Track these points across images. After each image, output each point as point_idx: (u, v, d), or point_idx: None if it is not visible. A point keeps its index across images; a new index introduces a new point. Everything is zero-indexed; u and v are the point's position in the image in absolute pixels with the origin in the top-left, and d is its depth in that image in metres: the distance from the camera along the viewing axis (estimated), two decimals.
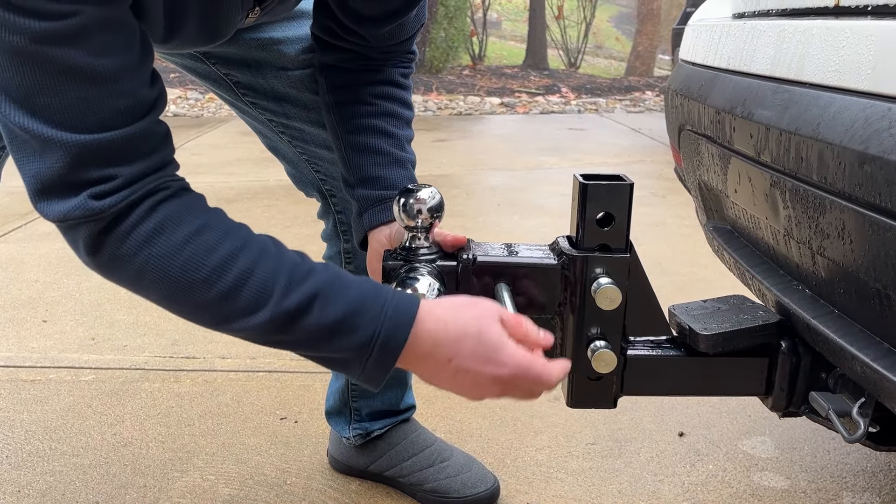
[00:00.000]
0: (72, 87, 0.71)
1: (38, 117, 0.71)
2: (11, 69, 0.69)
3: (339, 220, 1.31)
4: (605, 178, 0.91)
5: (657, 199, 3.81)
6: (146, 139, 0.77)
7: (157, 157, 0.78)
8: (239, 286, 0.78)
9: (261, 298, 0.79)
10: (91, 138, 0.72)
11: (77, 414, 1.72)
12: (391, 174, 1.09)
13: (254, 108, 1.24)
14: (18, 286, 2.53)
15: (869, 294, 0.79)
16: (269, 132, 1.27)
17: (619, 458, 1.57)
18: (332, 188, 1.29)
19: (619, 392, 0.99)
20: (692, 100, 1.26)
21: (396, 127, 1.12)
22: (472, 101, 7.99)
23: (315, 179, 1.29)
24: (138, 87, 0.76)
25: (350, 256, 1.33)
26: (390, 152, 1.10)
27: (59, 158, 0.72)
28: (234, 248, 0.79)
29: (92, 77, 0.71)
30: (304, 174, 1.29)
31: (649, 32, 11.59)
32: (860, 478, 1.49)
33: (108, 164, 0.74)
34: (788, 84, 0.94)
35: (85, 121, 0.72)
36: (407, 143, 1.13)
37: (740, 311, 0.98)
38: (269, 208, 3.55)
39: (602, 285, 0.91)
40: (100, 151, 0.73)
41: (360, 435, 1.43)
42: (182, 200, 0.80)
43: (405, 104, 1.15)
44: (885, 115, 0.72)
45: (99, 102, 0.72)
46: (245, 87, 1.22)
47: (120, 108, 0.74)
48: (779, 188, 0.95)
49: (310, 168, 1.28)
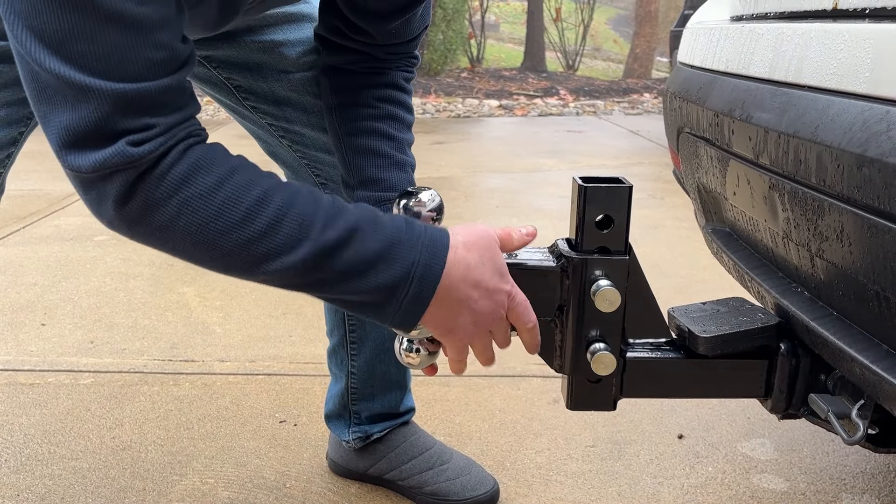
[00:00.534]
0: (112, 33, 0.69)
1: (74, 64, 0.68)
2: (49, 13, 0.67)
3: None
4: (605, 180, 0.91)
5: (656, 201, 3.81)
6: (180, 92, 0.77)
7: (188, 109, 0.78)
8: (278, 222, 0.77)
9: (301, 233, 0.77)
10: (128, 87, 0.70)
11: (76, 417, 1.72)
12: (391, 176, 1.09)
13: (254, 112, 1.24)
14: (17, 289, 2.53)
15: (868, 296, 0.79)
16: (269, 137, 1.27)
17: (619, 460, 1.57)
18: (332, 192, 1.29)
19: (619, 394, 0.99)
20: (691, 102, 1.26)
21: (398, 130, 1.12)
22: (471, 103, 8.00)
23: (315, 184, 1.29)
24: (174, 39, 0.75)
25: None
26: (391, 155, 1.10)
27: (95, 108, 0.70)
28: (270, 187, 0.78)
29: (132, 24, 0.70)
30: (304, 179, 1.30)
31: (647, 35, 11.61)
32: (859, 479, 1.50)
33: (145, 114, 0.73)
34: (787, 87, 0.94)
35: (123, 69, 0.70)
36: (407, 146, 1.14)
37: (739, 314, 0.99)
38: None
39: (601, 287, 0.91)
40: (137, 101, 0.72)
41: (359, 438, 1.43)
42: (212, 146, 0.79)
43: (407, 108, 1.15)
44: (883, 118, 0.72)
45: (137, 51, 0.71)
46: (246, 91, 1.22)
47: (157, 60, 0.73)
48: (777, 191, 0.95)
49: (310, 172, 1.28)
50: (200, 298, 2.46)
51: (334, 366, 1.44)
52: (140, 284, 2.59)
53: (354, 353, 1.39)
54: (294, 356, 2.04)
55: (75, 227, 3.18)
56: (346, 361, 1.40)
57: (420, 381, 1.86)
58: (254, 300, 2.44)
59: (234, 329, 2.23)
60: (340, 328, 1.39)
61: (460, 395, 1.83)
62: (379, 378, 1.40)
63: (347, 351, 1.40)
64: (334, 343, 1.42)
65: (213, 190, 0.76)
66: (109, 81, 0.70)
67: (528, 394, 1.85)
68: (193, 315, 2.33)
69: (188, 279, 2.63)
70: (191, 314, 2.34)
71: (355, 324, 1.37)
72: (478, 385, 1.88)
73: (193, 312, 2.35)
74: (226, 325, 2.25)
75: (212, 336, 2.18)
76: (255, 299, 2.45)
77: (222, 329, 2.22)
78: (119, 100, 0.71)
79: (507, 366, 1.98)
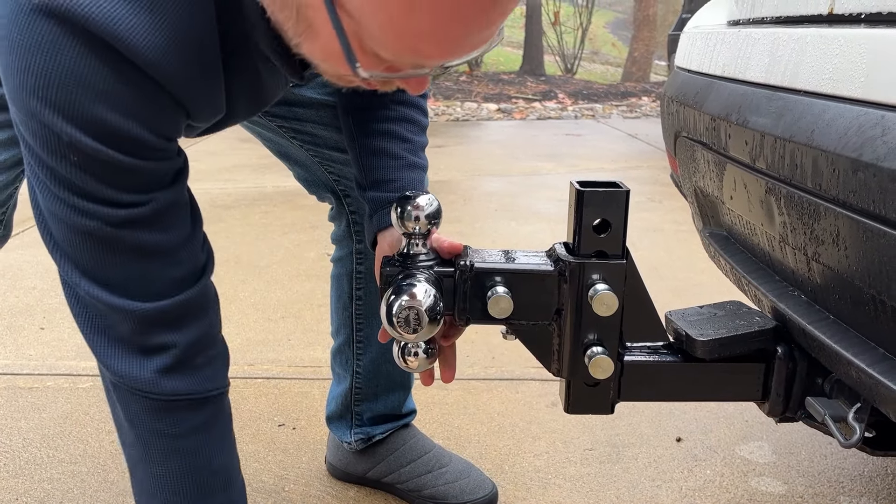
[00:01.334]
0: (138, 262, 0.80)
1: (106, 288, 0.80)
2: (83, 247, 0.78)
3: (353, 220, 1.32)
4: (602, 185, 0.91)
5: (654, 204, 3.82)
6: (199, 302, 0.87)
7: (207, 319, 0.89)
8: None
9: None
10: (151, 306, 0.81)
11: (75, 421, 1.72)
12: (403, 177, 1.10)
13: (263, 115, 1.25)
14: (16, 294, 2.53)
15: (863, 300, 0.79)
16: (279, 138, 1.28)
17: (617, 463, 1.57)
18: (346, 188, 1.30)
19: (617, 398, 0.99)
20: (688, 107, 1.26)
21: (412, 133, 1.12)
22: (470, 107, 8.01)
23: (329, 180, 1.30)
24: (192, 254, 0.85)
25: (361, 257, 1.34)
26: (403, 156, 1.11)
27: (122, 322, 0.82)
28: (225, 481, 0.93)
29: (156, 252, 0.80)
30: (317, 176, 1.30)
31: (645, 38, 11.64)
32: (857, 482, 1.50)
33: (166, 330, 0.83)
34: (783, 91, 0.94)
35: (147, 290, 0.81)
36: (421, 149, 1.14)
37: (736, 317, 0.99)
38: (266, 215, 3.55)
39: (599, 291, 0.92)
40: (159, 317, 0.82)
41: (361, 439, 1.43)
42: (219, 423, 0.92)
43: (421, 111, 1.15)
44: (878, 123, 0.73)
45: (161, 273, 0.82)
46: None
47: (177, 277, 0.83)
48: (774, 195, 0.96)
49: (323, 170, 1.29)
50: None
51: (338, 366, 1.44)
52: None
53: (360, 353, 1.39)
54: (293, 360, 2.04)
55: None
56: (352, 361, 1.40)
57: (418, 385, 1.85)
58: (252, 304, 2.44)
59: (232, 332, 2.23)
60: (347, 327, 1.39)
61: (459, 399, 1.83)
62: (383, 378, 1.40)
63: (353, 350, 1.40)
64: (340, 342, 1.42)
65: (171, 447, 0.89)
66: (136, 302, 0.81)
67: (526, 397, 1.85)
68: None
69: None
70: None
71: (363, 322, 1.37)
72: (476, 388, 1.89)
73: None
74: (224, 329, 2.23)
75: None
76: (253, 303, 2.45)
77: None
78: (143, 317, 0.81)
79: (505, 369, 1.98)
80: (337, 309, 1.41)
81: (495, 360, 2.02)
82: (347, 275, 1.36)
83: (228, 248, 3.05)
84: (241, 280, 2.67)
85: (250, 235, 3.22)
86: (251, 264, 2.84)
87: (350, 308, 1.37)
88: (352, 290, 1.36)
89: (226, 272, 2.75)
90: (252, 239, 3.18)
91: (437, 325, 0.93)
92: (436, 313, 0.92)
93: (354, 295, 1.36)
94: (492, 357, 2.04)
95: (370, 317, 1.37)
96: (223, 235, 3.22)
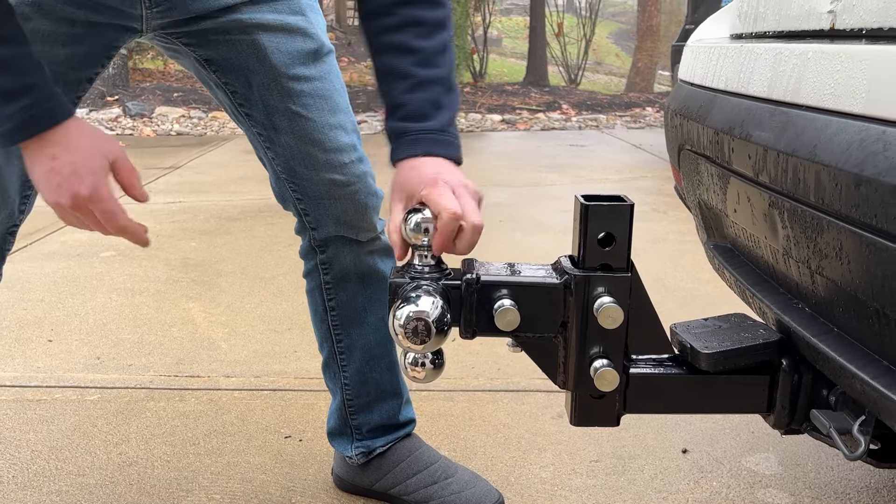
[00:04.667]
0: None
1: None
2: None
3: (313, 236, 1.33)
4: (606, 198, 0.92)
5: (658, 214, 3.82)
6: None
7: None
8: None
9: None
10: None
11: (82, 433, 1.73)
12: (413, 100, 1.04)
13: (247, 119, 1.26)
14: (24, 306, 2.54)
15: (867, 313, 0.80)
16: (257, 144, 1.30)
17: (623, 475, 1.57)
18: (306, 207, 1.30)
19: (622, 410, 1.00)
20: (691, 120, 1.27)
21: (421, 37, 1.05)
22: (474, 118, 8.03)
23: (291, 197, 1.30)
24: None
25: (326, 267, 1.35)
26: (411, 74, 1.05)
27: None
28: None
29: None
30: (282, 188, 1.31)
31: (649, 49, 11.67)
32: (863, 494, 1.50)
33: None
34: (785, 106, 0.95)
35: None
36: (434, 54, 1.06)
37: (741, 330, 1.00)
38: (272, 226, 3.57)
39: (604, 304, 0.92)
40: None
41: (363, 453, 1.44)
42: None
43: (430, 3, 1.06)
44: (879, 138, 0.74)
45: None
46: (242, 98, 1.24)
47: None
48: (777, 208, 0.96)
49: (287, 184, 1.30)
50: (206, 314, 2.48)
51: (329, 380, 1.45)
52: (146, 300, 2.60)
53: (345, 364, 1.40)
54: (299, 371, 2.05)
55: (81, 244, 3.20)
56: (339, 373, 1.41)
57: (424, 396, 1.86)
58: (259, 316, 2.46)
59: (239, 345, 2.24)
60: (328, 339, 1.41)
61: (464, 410, 1.84)
62: (372, 386, 1.41)
63: (338, 362, 1.41)
64: (325, 356, 1.43)
65: None
66: None
67: (532, 409, 1.85)
68: (199, 331, 2.34)
69: (193, 295, 2.65)
70: (196, 330, 2.35)
71: (341, 333, 1.39)
72: (482, 400, 1.89)
73: (199, 328, 2.36)
74: (231, 341, 2.26)
75: (217, 352, 2.19)
76: (260, 315, 2.46)
77: (227, 345, 2.24)
78: None
79: (511, 381, 1.98)
80: (315, 323, 1.42)
81: (501, 372, 2.03)
82: (318, 287, 1.37)
83: (234, 259, 3.06)
84: (248, 292, 2.68)
85: (256, 247, 3.23)
86: (257, 276, 2.86)
87: (327, 320, 1.38)
88: (324, 302, 1.38)
89: (231, 284, 2.76)
90: (258, 251, 3.19)
91: (445, 337, 0.94)
92: (444, 324, 0.93)
93: (328, 306, 1.38)
94: (497, 368, 2.05)
95: (347, 326, 1.38)
96: (229, 247, 3.23)
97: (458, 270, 0.99)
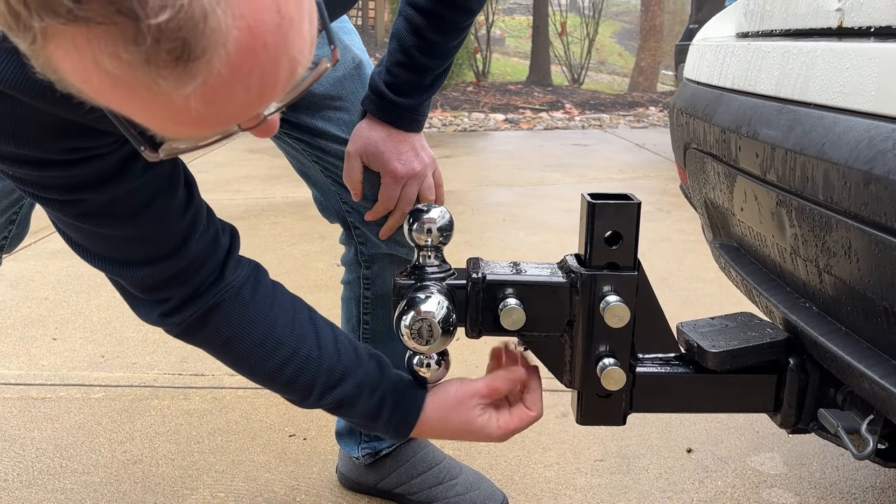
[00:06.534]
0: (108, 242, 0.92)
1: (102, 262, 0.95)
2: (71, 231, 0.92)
3: (361, 250, 1.31)
4: (613, 197, 0.92)
5: (663, 214, 3.82)
6: (189, 262, 0.94)
7: (205, 270, 0.96)
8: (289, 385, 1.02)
9: (304, 395, 1.02)
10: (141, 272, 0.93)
11: (87, 431, 1.73)
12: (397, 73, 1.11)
13: (290, 138, 1.25)
14: (28, 304, 2.55)
15: (876, 312, 0.80)
16: (303, 158, 1.28)
17: (628, 474, 1.57)
18: (355, 220, 1.29)
19: (628, 409, 0.99)
20: (697, 119, 1.27)
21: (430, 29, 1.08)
22: (477, 117, 8.03)
23: (341, 210, 1.29)
24: (169, 226, 0.92)
25: (369, 283, 1.34)
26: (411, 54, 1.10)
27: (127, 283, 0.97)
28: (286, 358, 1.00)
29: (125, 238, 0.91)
30: (331, 203, 1.30)
31: (652, 48, 11.66)
32: (869, 494, 1.49)
33: (162, 289, 0.95)
34: (793, 104, 0.95)
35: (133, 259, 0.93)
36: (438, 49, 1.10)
37: (748, 329, 0.99)
38: (275, 225, 3.57)
39: (610, 303, 0.92)
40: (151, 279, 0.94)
41: (369, 454, 1.43)
42: (244, 311, 1.00)
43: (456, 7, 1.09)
44: (889, 136, 0.73)
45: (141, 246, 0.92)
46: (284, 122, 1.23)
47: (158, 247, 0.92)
48: (785, 207, 0.96)
49: (338, 198, 1.28)
50: None
51: None
52: None
53: None
54: None
55: None
56: None
57: None
58: None
59: None
60: None
61: None
62: None
63: None
64: None
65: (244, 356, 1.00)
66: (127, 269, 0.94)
67: None
68: None
69: None
70: None
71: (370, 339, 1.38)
72: None
73: None
74: None
75: None
76: None
77: None
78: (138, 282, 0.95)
79: None
80: (345, 331, 1.41)
81: None
82: (355, 299, 1.37)
83: None
84: None
85: (259, 246, 3.23)
86: None
87: (358, 331, 1.38)
88: (359, 315, 1.37)
89: None
90: (261, 250, 3.19)
91: (451, 337, 0.94)
92: (449, 325, 0.93)
93: (362, 319, 1.37)
94: None
95: (377, 341, 1.37)
96: None
97: (462, 270, 0.99)
